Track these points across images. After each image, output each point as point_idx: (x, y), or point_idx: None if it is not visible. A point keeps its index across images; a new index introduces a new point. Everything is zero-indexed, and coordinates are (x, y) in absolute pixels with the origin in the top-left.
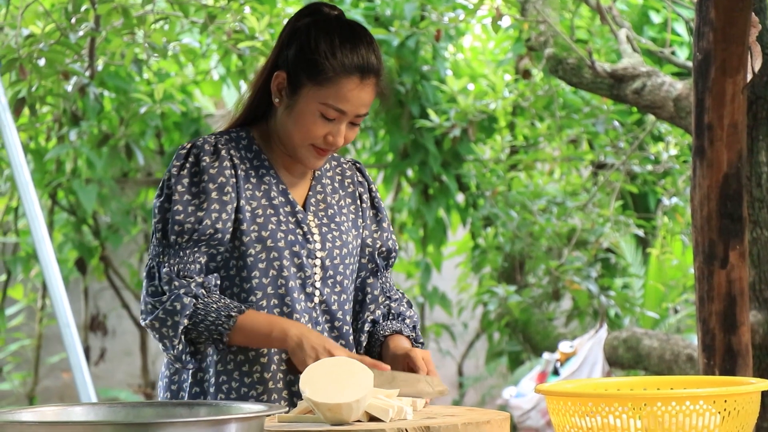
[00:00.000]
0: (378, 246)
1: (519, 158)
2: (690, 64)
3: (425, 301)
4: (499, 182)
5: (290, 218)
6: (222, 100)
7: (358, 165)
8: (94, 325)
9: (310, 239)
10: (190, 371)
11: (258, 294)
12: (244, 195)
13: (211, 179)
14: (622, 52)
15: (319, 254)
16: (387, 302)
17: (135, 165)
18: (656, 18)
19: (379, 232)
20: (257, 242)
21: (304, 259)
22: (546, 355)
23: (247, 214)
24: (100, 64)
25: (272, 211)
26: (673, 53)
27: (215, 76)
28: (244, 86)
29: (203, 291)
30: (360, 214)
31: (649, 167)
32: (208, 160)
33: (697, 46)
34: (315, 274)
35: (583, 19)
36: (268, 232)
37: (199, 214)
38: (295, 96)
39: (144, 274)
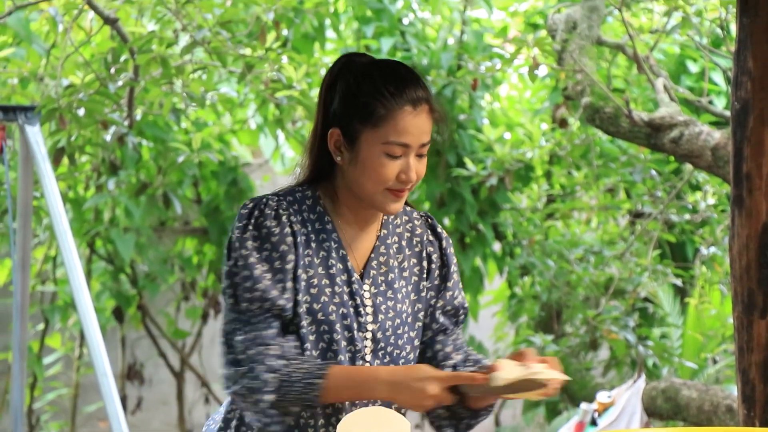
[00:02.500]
0: (441, 305)
1: (556, 207)
2: (728, 113)
3: None
4: (536, 231)
5: (345, 288)
6: (259, 149)
7: (430, 221)
8: (131, 374)
9: (362, 312)
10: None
11: None
12: (302, 262)
13: (274, 247)
14: (659, 102)
15: (370, 327)
16: (463, 352)
17: (172, 214)
18: (693, 67)
19: (444, 291)
20: (308, 314)
21: (355, 332)
22: (584, 406)
23: (303, 283)
24: (138, 114)
25: (327, 281)
26: (710, 102)
27: (252, 125)
28: (281, 135)
29: (283, 361)
30: (425, 276)
31: (687, 216)
32: (269, 225)
33: (735, 96)
34: (366, 347)
35: (620, 68)
36: (320, 305)
37: (266, 283)
38: (356, 146)
39: (221, 339)
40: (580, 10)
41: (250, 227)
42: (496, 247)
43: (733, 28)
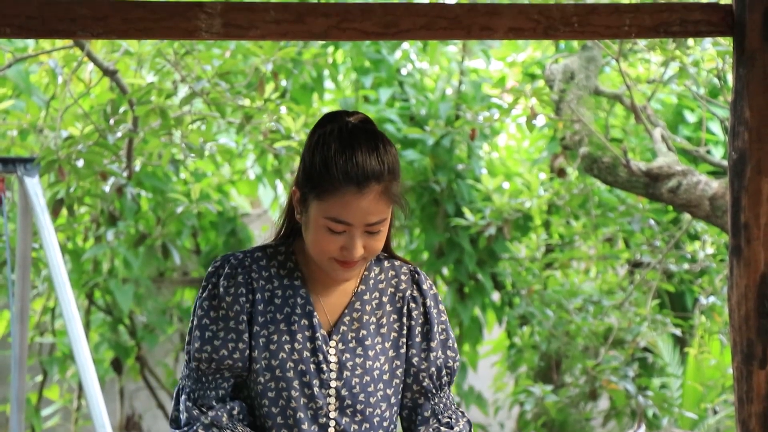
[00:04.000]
0: (424, 367)
1: (554, 257)
2: (725, 163)
3: (461, 401)
4: (534, 281)
5: (307, 344)
6: (258, 200)
7: (416, 276)
8: (129, 425)
9: (325, 368)
10: None
11: (268, 423)
12: (260, 319)
13: (228, 307)
14: (657, 151)
15: (333, 384)
16: (437, 426)
17: (171, 264)
18: (691, 117)
19: (427, 352)
20: (267, 370)
21: (315, 389)
22: None
23: (261, 341)
24: (137, 165)
25: (288, 338)
26: (708, 152)
27: (251, 176)
28: (280, 185)
29: (217, 427)
30: (404, 332)
31: (686, 266)
32: (225, 285)
33: (732, 146)
34: (329, 404)
35: (618, 118)
36: (278, 361)
37: (216, 343)
38: (306, 212)
39: (174, 392)
40: (577, 61)
41: (209, 287)
42: (495, 296)
43: (730, 78)
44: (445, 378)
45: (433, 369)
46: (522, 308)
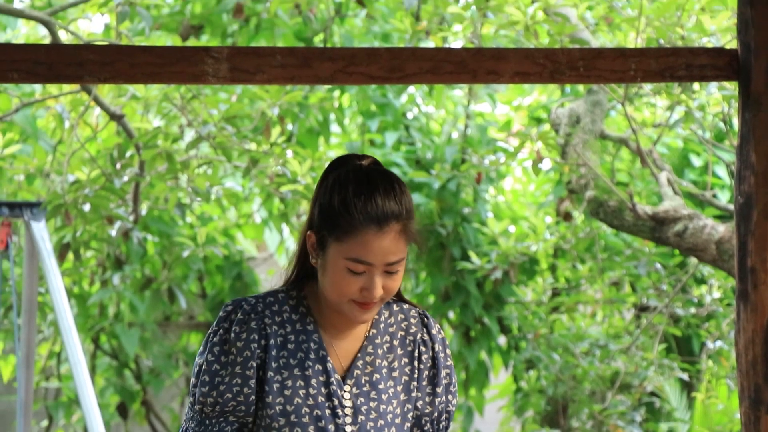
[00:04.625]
0: (428, 411)
1: (561, 300)
2: (732, 207)
3: None
4: (541, 325)
5: (322, 389)
6: (264, 243)
7: (426, 320)
8: None
9: (340, 413)
10: None
11: None
12: (274, 365)
13: (238, 352)
14: (663, 195)
15: (349, 428)
16: None
17: (177, 308)
18: (697, 161)
19: (432, 397)
20: (281, 416)
21: None
22: None
23: (275, 386)
24: (144, 209)
25: (302, 383)
26: (714, 196)
27: (257, 220)
28: (286, 229)
29: None
30: (415, 375)
31: (693, 310)
32: (237, 331)
33: (738, 190)
34: None
35: (624, 162)
36: (293, 407)
37: (222, 387)
38: (324, 254)
39: None
40: (583, 105)
41: (220, 332)
42: (502, 340)
43: (736, 122)
44: (444, 423)
45: (435, 414)
46: (528, 352)
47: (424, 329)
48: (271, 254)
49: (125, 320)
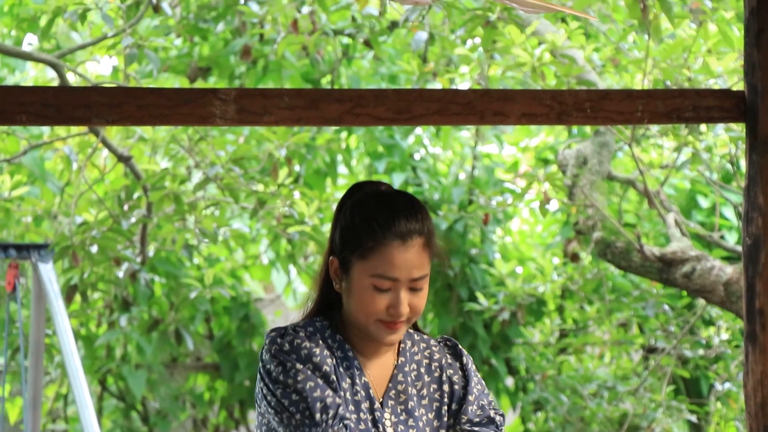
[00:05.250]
0: (465, 420)
1: (569, 342)
2: (739, 248)
3: None
4: (548, 366)
5: (368, 415)
6: (271, 285)
7: (449, 343)
8: None
9: None
10: None
11: None
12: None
13: (316, 367)
14: (670, 236)
15: None
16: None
17: (184, 350)
18: (704, 202)
19: (465, 405)
20: None
21: None
22: None
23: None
24: (151, 250)
25: (353, 407)
26: (722, 237)
27: (265, 261)
28: (293, 270)
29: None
30: (445, 400)
31: (701, 352)
32: (309, 346)
33: (746, 231)
34: None
35: (631, 203)
36: (347, 430)
37: (329, 392)
38: (349, 276)
39: None
40: (590, 146)
41: (286, 347)
42: (509, 382)
43: (743, 164)
44: (498, 418)
45: (479, 410)
46: (536, 394)
47: (447, 352)
48: (279, 295)
49: (132, 362)
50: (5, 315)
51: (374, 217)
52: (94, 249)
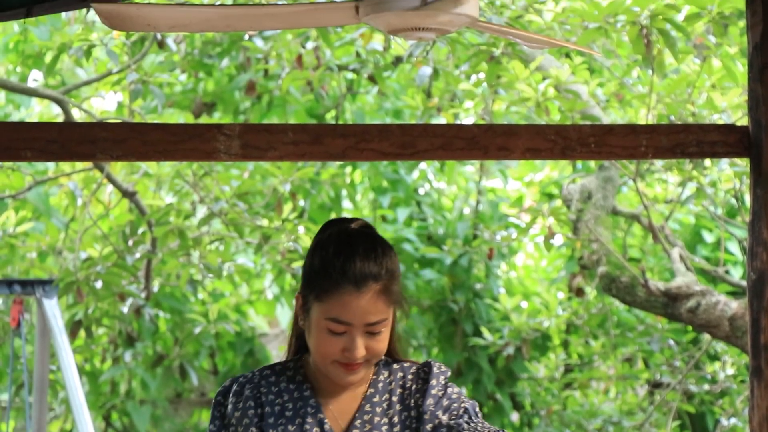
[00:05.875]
0: (436, 423)
1: (574, 377)
2: (744, 283)
3: None
4: (554, 401)
5: None
6: (276, 319)
7: (425, 368)
8: None
9: None
10: None
11: None
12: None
13: (238, 422)
14: (675, 271)
15: None
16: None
17: (189, 385)
18: (709, 237)
19: (421, 408)
20: None
21: None
22: None
23: None
24: (155, 285)
25: None
26: (727, 272)
27: (269, 296)
28: None
29: None
30: (415, 425)
31: (706, 387)
32: (234, 401)
33: (750, 266)
34: None
35: (636, 237)
36: None
37: None
38: (308, 316)
39: None
40: (594, 181)
41: (219, 406)
42: (514, 417)
43: (748, 198)
44: (463, 408)
45: (434, 407)
46: (541, 429)
47: (420, 377)
48: (283, 330)
49: (137, 397)
50: (9, 351)
51: (331, 261)
52: (99, 284)
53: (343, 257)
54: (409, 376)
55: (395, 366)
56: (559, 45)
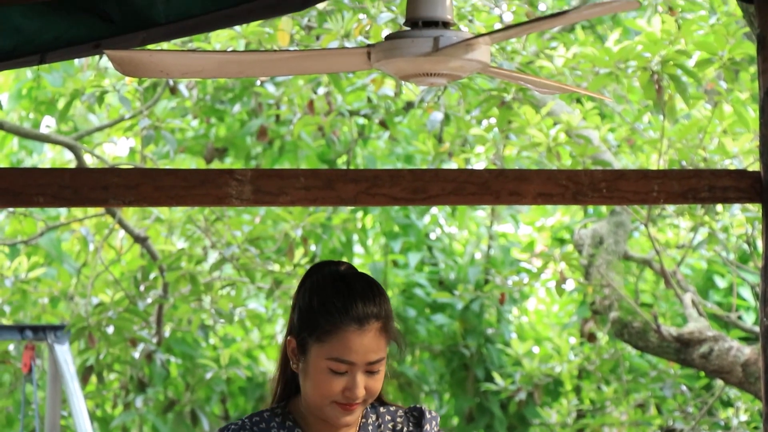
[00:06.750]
0: None
1: (586, 422)
2: (757, 329)
3: None
4: None
5: None
6: None
7: (415, 413)
8: None
9: None
10: None
11: None
12: None
13: None
14: (687, 317)
15: None
16: None
17: (200, 431)
18: (721, 282)
19: None
20: None
21: None
22: None
23: None
24: (167, 331)
25: None
26: (739, 318)
27: (280, 340)
28: None
29: None
30: None
31: None
32: None
33: (763, 312)
34: None
35: (648, 283)
36: None
37: None
38: (306, 358)
39: None
40: (606, 225)
41: None
42: None
43: (760, 243)
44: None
45: None
46: None
47: (411, 422)
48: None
49: None
50: (21, 396)
51: (332, 301)
52: (110, 330)
53: (344, 297)
54: (398, 419)
55: (382, 409)
56: (570, 90)
